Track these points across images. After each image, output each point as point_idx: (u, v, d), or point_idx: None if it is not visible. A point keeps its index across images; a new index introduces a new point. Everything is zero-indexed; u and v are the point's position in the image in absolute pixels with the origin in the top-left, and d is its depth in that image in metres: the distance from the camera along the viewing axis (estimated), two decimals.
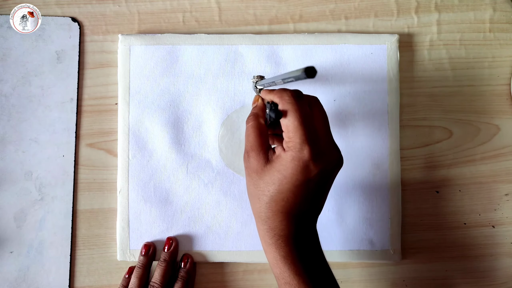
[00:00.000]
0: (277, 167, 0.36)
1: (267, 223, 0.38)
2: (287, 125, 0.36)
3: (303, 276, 0.37)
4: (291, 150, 0.36)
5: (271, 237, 0.38)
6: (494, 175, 0.51)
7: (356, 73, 0.50)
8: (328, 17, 0.52)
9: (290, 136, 0.36)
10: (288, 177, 0.36)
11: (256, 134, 0.39)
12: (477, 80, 0.52)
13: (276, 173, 0.36)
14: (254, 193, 0.38)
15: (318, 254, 0.39)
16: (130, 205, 0.49)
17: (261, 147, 0.38)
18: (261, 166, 0.37)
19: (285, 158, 0.36)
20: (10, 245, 0.49)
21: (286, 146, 0.36)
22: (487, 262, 0.51)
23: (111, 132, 0.50)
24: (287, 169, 0.36)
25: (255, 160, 0.38)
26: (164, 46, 0.50)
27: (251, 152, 0.38)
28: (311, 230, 0.39)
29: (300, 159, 0.35)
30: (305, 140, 0.35)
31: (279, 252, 0.37)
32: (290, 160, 0.36)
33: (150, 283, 0.47)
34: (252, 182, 0.38)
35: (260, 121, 0.39)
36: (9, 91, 0.50)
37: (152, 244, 0.49)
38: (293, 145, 0.36)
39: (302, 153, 0.35)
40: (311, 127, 0.36)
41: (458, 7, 0.52)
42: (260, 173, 0.37)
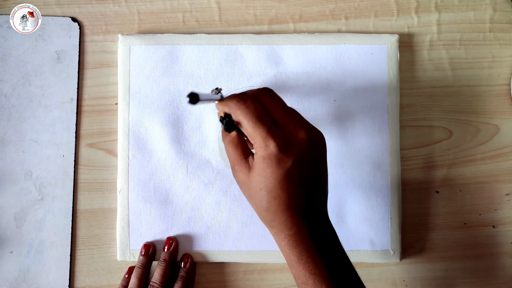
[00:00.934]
0: (256, 172, 0.36)
1: (274, 226, 0.37)
2: (246, 130, 0.36)
3: (320, 273, 0.36)
4: (259, 150, 0.36)
5: (282, 238, 0.37)
6: (494, 175, 0.51)
7: (356, 73, 0.50)
8: (328, 17, 0.52)
9: (252, 138, 0.36)
10: (268, 177, 0.36)
11: (232, 148, 0.38)
12: (477, 80, 0.52)
13: (258, 177, 0.36)
14: (252, 203, 0.39)
15: (333, 245, 0.38)
16: (130, 205, 0.49)
17: (241, 157, 0.38)
18: (246, 175, 0.37)
19: (258, 161, 0.36)
20: (10, 245, 0.49)
21: (254, 149, 0.36)
22: (488, 262, 0.51)
23: (111, 132, 0.50)
24: (265, 170, 0.36)
25: (239, 172, 0.38)
26: (164, 46, 0.50)
27: (235, 165, 0.38)
28: (322, 220, 0.38)
29: (270, 156, 0.35)
30: (266, 136, 0.35)
31: (292, 252, 0.37)
32: (262, 161, 0.35)
33: (150, 283, 0.47)
34: (246, 194, 0.39)
35: (235, 134, 0.39)
36: (9, 91, 0.50)
37: (152, 244, 0.49)
38: (258, 145, 0.35)
39: (269, 149, 0.35)
40: (266, 121, 0.36)
41: (458, 7, 0.52)
42: (247, 183, 0.37)
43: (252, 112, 0.36)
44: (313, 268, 0.36)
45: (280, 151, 0.35)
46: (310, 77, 0.50)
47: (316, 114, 0.50)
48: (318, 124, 0.50)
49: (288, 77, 0.50)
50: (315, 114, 0.50)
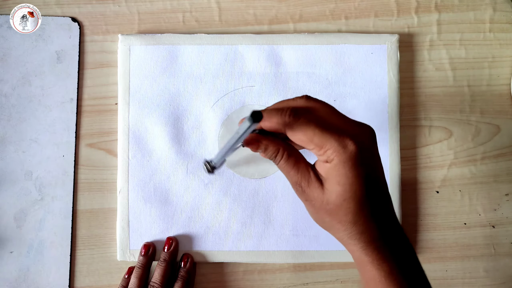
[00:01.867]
0: (335, 182, 0.32)
1: (361, 240, 0.33)
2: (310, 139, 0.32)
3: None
4: (335, 156, 0.31)
5: (369, 253, 0.33)
6: (494, 175, 0.51)
7: (356, 73, 0.50)
8: (328, 17, 0.52)
9: (324, 146, 0.32)
10: (353, 184, 0.32)
11: (293, 164, 0.34)
12: (477, 80, 0.52)
13: (339, 187, 0.32)
14: (330, 220, 0.34)
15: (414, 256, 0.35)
16: (130, 205, 0.49)
17: (307, 171, 0.34)
18: (319, 191, 0.33)
19: (335, 168, 0.32)
20: (10, 245, 0.49)
21: (327, 158, 0.32)
22: (487, 262, 0.51)
23: (111, 132, 0.50)
24: (346, 176, 0.32)
25: (311, 189, 0.33)
26: (164, 46, 0.50)
27: (302, 182, 0.34)
28: (398, 226, 0.35)
29: (351, 157, 0.31)
30: (339, 137, 0.31)
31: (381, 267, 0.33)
32: (342, 166, 0.31)
33: (150, 283, 0.47)
34: (323, 211, 0.33)
35: (286, 149, 0.35)
36: (9, 91, 0.50)
37: (151, 244, 0.49)
38: (332, 151, 0.31)
39: (348, 150, 0.31)
40: (330, 123, 0.32)
41: (458, 7, 0.52)
42: (323, 198, 0.33)
43: (313, 120, 0.32)
44: (403, 284, 0.32)
45: (359, 149, 0.31)
46: (310, 77, 0.50)
47: None
48: None
49: (288, 77, 0.50)
50: None
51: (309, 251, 0.49)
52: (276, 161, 0.35)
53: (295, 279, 0.50)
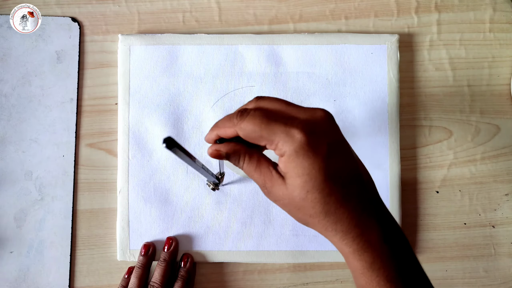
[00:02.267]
0: (294, 175, 0.30)
1: (338, 229, 0.31)
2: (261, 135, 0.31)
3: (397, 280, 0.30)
4: (285, 147, 0.30)
5: (349, 244, 0.31)
6: (494, 175, 0.51)
7: (356, 73, 0.50)
8: (328, 17, 0.52)
9: (272, 140, 0.31)
10: (310, 171, 0.30)
11: (256, 166, 0.33)
12: (477, 80, 0.52)
13: (299, 179, 0.30)
14: (304, 215, 0.32)
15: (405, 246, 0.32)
16: (130, 205, 0.49)
17: (268, 170, 0.32)
18: (283, 186, 0.31)
19: (289, 160, 0.30)
20: (10, 245, 0.49)
21: (279, 152, 0.31)
22: (487, 262, 0.51)
23: (111, 132, 0.50)
24: (302, 166, 0.30)
25: (275, 187, 0.32)
26: (164, 46, 0.50)
27: (266, 183, 0.33)
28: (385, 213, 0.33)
29: (301, 145, 0.30)
30: (285, 128, 0.30)
31: (363, 258, 0.31)
32: (295, 156, 0.30)
33: (150, 283, 0.47)
34: (292, 207, 0.32)
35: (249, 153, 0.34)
36: (9, 91, 0.50)
37: (151, 244, 0.49)
38: (282, 142, 0.30)
39: (296, 139, 0.30)
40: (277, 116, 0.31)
41: (458, 7, 0.52)
42: (288, 194, 0.31)
43: (258, 115, 0.31)
44: (388, 274, 0.30)
45: (308, 135, 0.30)
46: (310, 77, 0.50)
47: None
48: None
49: (288, 77, 0.50)
50: None
51: (309, 251, 0.49)
52: (240, 165, 0.34)
53: (295, 279, 0.50)
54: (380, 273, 0.30)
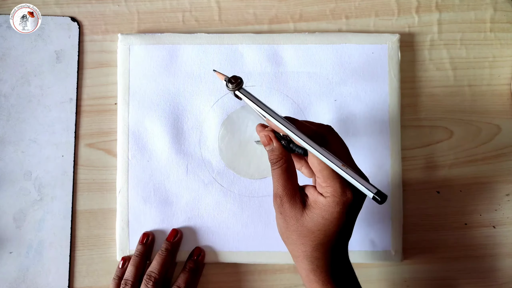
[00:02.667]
0: (319, 214, 0.36)
1: (314, 263, 0.37)
2: (321, 170, 0.35)
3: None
4: (333, 196, 0.35)
5: (317, 274, 0.38)
6: (495, 175, 0.51)
7: (357, 73, 0.50)
8: (329, 16, 0.52)
9: (328, 183, 0.36)
10: (334, 221, 0.36)
11: (287, 178, 0.38)
12: (478, 80, 0.52)
13: (321, 219, 0.36)
14: (295, 239, 0.38)
15: (354, 282, 0.40)
16: (130, 205, 0.49)
17: (295, 190, 0.38)
18: (299, 212, 0.37)
19: (327, 204, 0.36)
20: (9, 245, 0.49)
21: (324, 192, 0.36)
22: (488, 262, 0.51)
23: (110, 132, 0.50)
24: (332, 214, 0.36)
25: (290, 206, 0.37)
26: (164, 46, 0.50)
27: (285, 197, 0.37)
28: (347, 259, 0.40)
29: (345, 203, 0.35)
30: (345, 184, 0.35)
31: (325, 287, 0.38)
32: (334, 205, 0.35)
33: (147, 272, 0.46)
34: (293, 228, 0.38)
35: (290, 162, 0.38)
36: (8, 91, 0.49)
37: (151, 233, 0.48)
38: (334, 190, 0.35)
39: (346, 196, 0.35)
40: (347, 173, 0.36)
41: (459, 6, 0.52)
42: (299, 219, 0.37)
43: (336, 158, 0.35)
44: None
45: (354, 199, 0.36)
46: (310, 76, 0.50)
47: (317, 114, 0.50)
48: None
49: (288, 77, 0.50)
50: (316, 113, 0.50)
51: None
52: (274, 166, 0.38)
53: (295, 280, 0.50)
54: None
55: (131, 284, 0.46)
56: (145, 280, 0.45)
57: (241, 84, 0.36)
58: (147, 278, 0.45)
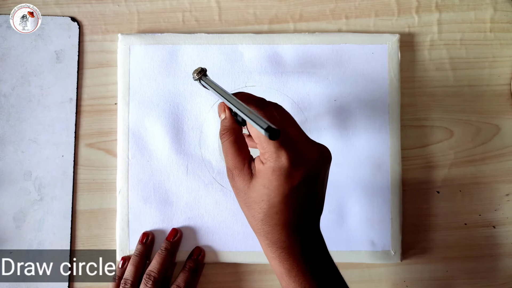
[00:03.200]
0: (261, 182, 0.35)
1: (268, 238, 0.36)
2: (258, 136, 0.34)
3: (310, 287, 0.36)
4: (269, 161, 0.34)
5: (273, 251, 0.36)
6: (494, 175, 0.51)
7: (357, 73, 0.50)
8: (329, 16, 0.52)
9: (264, 147, 0.34)
10: (274, 189, 0.34)
11: (235, 150, 0.37)
12: (478, 80, 0.52)
13: (262, 188, 0.35)
14: (247, 212, 0.37)
15: (324, 260, 0.38)
16: (130, 205, 0.49)
17: (243, 162, 0.37)
18: (246, 183, 0.36)
19: (265, 171, 0.34)
20: (9, 245, 0.49)
21: (263, 158, 0.35)
22: (488, 262, 0.51)
23: (110, 132, 0.50)
24: (271, 182, 0.34)
25: (239, 178, 0.36)
26: (164, 46, 0.50)
27: (234, 170, 0.37)
28: (315, 236, 0.38)
29: (281, 168, 0.34)
30: (280, 147, 0.34)
31: (283, 265, 0.36)
32: (271, 172, 0.34)
33: (146, 272, 0.46)
34: (243, 202, 0.37)
35: (236, 134, 0.37)
36: (8, 91, 0.49)
37: (150, 233, 0.48)
38: (269, 155, 0.34)
39: (280, 161, 0.34)
40: (282, 132, 0.34)
41: (459, 6, 0.52)
42: (247, 191, 0.36)
43: (271, 120, 0.34)
44: (303, 281, 0.36)
45: (291, 165, 0.34)
46: (310, 76, 0.50)
47: (317, 114, 0.50)
48: (318, 124, 0.50)
49: (288, 77, 0.50)
50: (316, 114, 0.50)
51: None
52: (222, 138, 0.38)
53: None
54: (296, 279, 0.36)
55: (131, 284, 0.46)
56: (145, 280, 0.45)
57: (203, 73, 0.38)
58: (146, 278, 0.45)
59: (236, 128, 0.38)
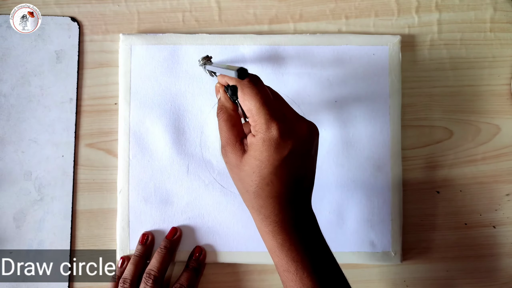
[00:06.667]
0: (252, 154, 0.36)
1: (261, 212, 0.37)
2: (250, 109, 0.36)
3: (302, 261, 0.36)
4: (259, 132, 0.35)
5: (266, 225, 0.37)
6: (495, 175, 0.51)
7: (358, 74, 0.50)
8: (329, 16, 0.52)
9: (255, 119, 0.35)
10: (264, 160, 0.35)
11: (228, 127, 0.38)
12: (478, 80, 0.52)
13: (253, 160, 0.36)
14: (241, 187, 0.38)
15: (316, 236, 0.38)
16: (130, 205, 0.49)
17: (236, 138, 0.37)
18: (239, 158, 0.37)
19: (256, 142, 0.35)
20: (9, 245, 0.49)
21: (254, 131, 0.36)
22: (488, 262, 0.51)
23: (110, 132, 0.50)
24: (261, 153, 0.35)
25: (232, 154, 0.37)
26: (166, 46, 0.50)
27: (227, 146, 0.38)
28: (307, 211, 0.38)
29: (271, 139, 0.35)
30: (270, 119, 0.35)
31: (275, 239, 0.37)
32: (261, 143, 0.35)
33: (146, 270, 0.46)
34: (236, 177, 0.38)
35: (230, 112, 0.39)
36: (8, 91, 0.49)
37: (150, 234, 0.48)
38: (259, 127, 0.35)
39: (270, 132, 0.35)
40: (273, 106, 0.36)
41: (459, 6, 0.52)
42: (239, 165, 0.37)
43: (263, 93, 0.36)
44: (295, 255, 0.36)
45: (280, 136, 0.35)
46: (311, 77, 0.50)
47: (318, 115, 0.50)
48: (319, 124, 0.50)
49: (289, 78, 0.50)
50: (317, 114, 0.50)
51: None
52: (218, 116, 0.39)
53: None
54: (288, 253, 0.36)
55: (130, 283, 0.46)
56: (145, 278, 0.45)
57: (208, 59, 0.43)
58: (146, 276, 0.45)
59: (230, 107, 0.39)
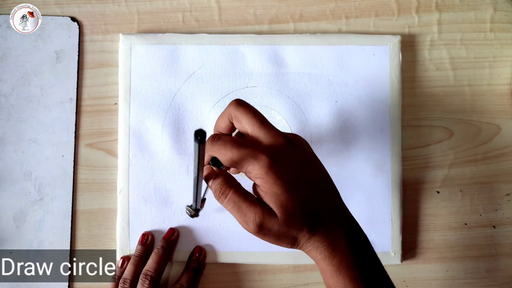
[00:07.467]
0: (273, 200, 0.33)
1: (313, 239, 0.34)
2: (233, 160, 0.33)
3: (361, 280, 0.34)
4: (256, 170, 0.32)
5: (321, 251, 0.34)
6: (495, 175, 0.51)
7: (358, 74, 0.50)
8: (329, 16, 0.52)
9: (243, 165, 0.33)
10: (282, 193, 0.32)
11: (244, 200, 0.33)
12: (478, 80, 0.52)
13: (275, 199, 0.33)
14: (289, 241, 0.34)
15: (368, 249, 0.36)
16: (130, 205, 0.49)
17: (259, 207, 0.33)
18: (273, 218, 0.33)
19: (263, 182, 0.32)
20: (9, 245, 0.49)
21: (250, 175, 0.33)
22: (488, 262, 0.51)
23: (110, 132, 0.50)
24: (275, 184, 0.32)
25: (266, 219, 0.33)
26: (166, 46, 0.50)
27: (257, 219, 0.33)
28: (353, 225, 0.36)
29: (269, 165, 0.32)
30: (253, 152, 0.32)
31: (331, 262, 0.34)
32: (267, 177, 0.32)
33: (143, 271, 0.46)
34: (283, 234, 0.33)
35: (239, 188, 0.34)
36: (8, 91, 0.49)
37: (150, 234, 0.48)
38: (251, 166, 0.33)
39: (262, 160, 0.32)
40: (245, 143, 0.33)
41: (459, 6, 0.52)
42: (279, 222, 0.33)
43: (228, 140, 0.33)
44: (354, 275, 0.34)
45: (273, 157, 0.32)
46: (311, 78, 0.50)
47: (318, 115, 0.50)
48: (319, 125, 0.50)
49: (289, 78, 0.50)
50: (317, 114, 0.50)
51: None
52: (222, 198, 0.34)
53: (295, 280, 0.50)
54: (346, 275, 0.34)
55: (130, 283, 0.46)
56: (141, 279, 0.45)
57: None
58: (143, 277, 0.45)
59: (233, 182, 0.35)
